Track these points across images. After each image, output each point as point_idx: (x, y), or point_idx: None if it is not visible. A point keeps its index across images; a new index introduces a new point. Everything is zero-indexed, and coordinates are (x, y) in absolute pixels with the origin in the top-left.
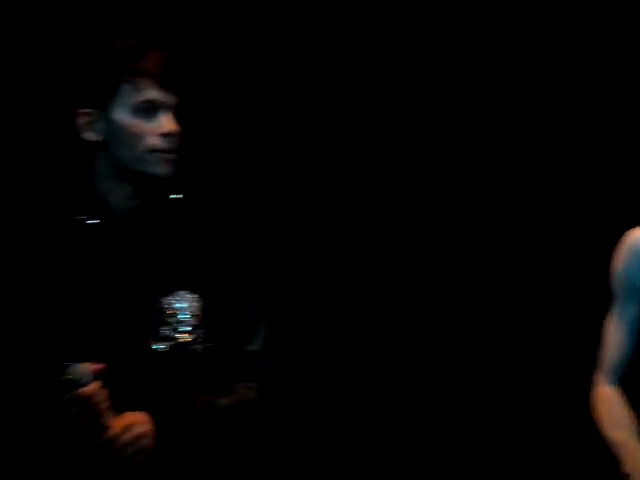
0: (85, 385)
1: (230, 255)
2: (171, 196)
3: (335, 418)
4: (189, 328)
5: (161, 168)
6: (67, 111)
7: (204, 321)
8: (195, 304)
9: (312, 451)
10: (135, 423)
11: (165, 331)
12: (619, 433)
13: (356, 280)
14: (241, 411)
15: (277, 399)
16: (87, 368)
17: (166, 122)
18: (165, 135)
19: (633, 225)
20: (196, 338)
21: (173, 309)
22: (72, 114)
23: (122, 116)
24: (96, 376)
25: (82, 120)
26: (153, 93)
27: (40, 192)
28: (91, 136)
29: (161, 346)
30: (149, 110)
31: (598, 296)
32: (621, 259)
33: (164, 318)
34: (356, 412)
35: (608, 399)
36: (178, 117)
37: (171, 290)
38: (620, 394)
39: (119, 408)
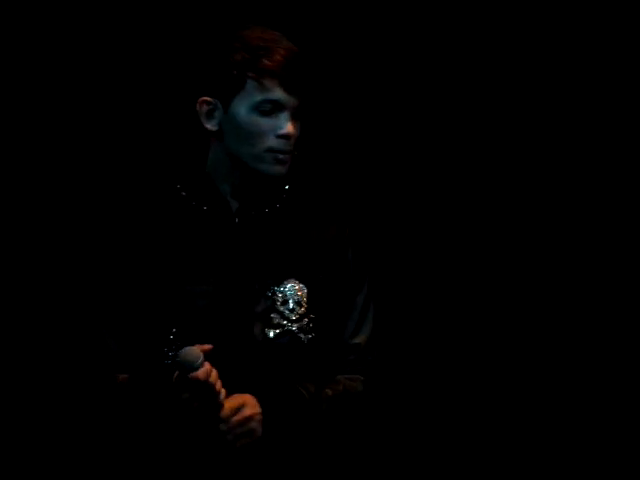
0: (198, 368)
1: (339, 248)
2: (287, 187)
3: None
4: (296, 317)
5: (275, 168)
6: (190, 97)
7: (311, 310)
8: (303, 293)
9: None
10: (245, 405)
11: (273, 319)
12: None
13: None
14: (346, 403)
15: (381, 393)
16: (198, 350)
17: (286, 124)
18: (283, 136)
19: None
20: (302, 327)
21: (282, 297)
22: (194, 101)
23: (243, 112)
24: (205, 356)
25: (203, 108)
26: (277, 94)
27: (155, 177)
28: (209, 125)
29: (269, 333)
30: (271, 109)
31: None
32: None
33: (273, 306)
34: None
35: None
36: (296, 117)
37: (280, 279)
38: None
39: (228, 392)
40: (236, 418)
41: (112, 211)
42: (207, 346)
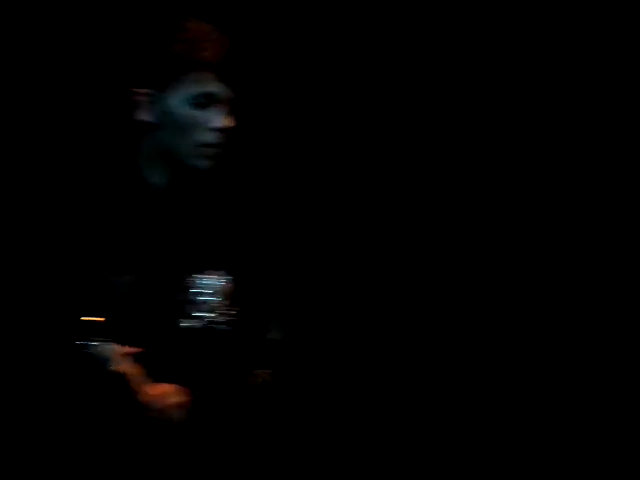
0: (113, 361)
1: (262, 244)
2: (209, 180)
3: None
4: (217, 308)
5: (205, 162)
6: (125, 88)
7: (231, 303)
8: (225, 285)
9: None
10: (169, 393)
11: (194, 309)
12: None
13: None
14: (263, 395)
15: (292, 388)
16: (111, 346)
17: (220, 117)
18: (217, 130)
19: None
20: (222, 319)
21: (204, 288)
22: (130, 92)
23: (179, 104)
24: (125, 353)
25: (139, 99)
26: (213, 87)
27: (84, 167)
28: (144, 117)
29: (190, 323)
30: (206, 103)
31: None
32: None
33: (194, 296)
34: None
35: None
36: (230, 111)
37: (203, 269)
38: None
39: (152, 381)
40: (160, 405)
41: (39, 201)
42: (132, 349)
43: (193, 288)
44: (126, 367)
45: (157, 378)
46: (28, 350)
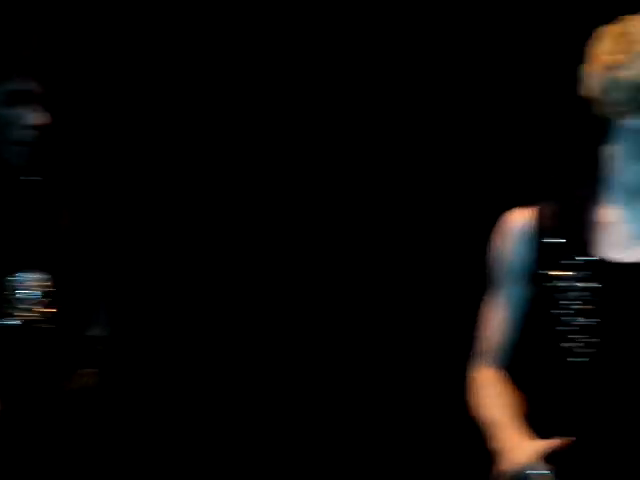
0: None
1: (80, 241)
2: (24, 178)
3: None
4: (36, 307)
5: (18, 159)
6: None
7: (51, 301)
8: (44, 284)
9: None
10: None
11: (11, 308)
12: (492, 412)
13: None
14: (84, 396)
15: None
16: None
17: (33, 114)
18: (31, 127)
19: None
20: (42, 317)
21: (21, 286)
22: None
23: None
24: None
25: None
26: (25, 84)
27: None
28: None
29: (9, 322)
30: (18, 100)
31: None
32: (501, 241)
33: (11, 295)
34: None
35: (487, 382)
36: (44, 107)
37: (21, 268)
38: (501, 378)
39: None
40: None
41: None
42: None
43: (11, 287)
44: None
45: None
46: None
